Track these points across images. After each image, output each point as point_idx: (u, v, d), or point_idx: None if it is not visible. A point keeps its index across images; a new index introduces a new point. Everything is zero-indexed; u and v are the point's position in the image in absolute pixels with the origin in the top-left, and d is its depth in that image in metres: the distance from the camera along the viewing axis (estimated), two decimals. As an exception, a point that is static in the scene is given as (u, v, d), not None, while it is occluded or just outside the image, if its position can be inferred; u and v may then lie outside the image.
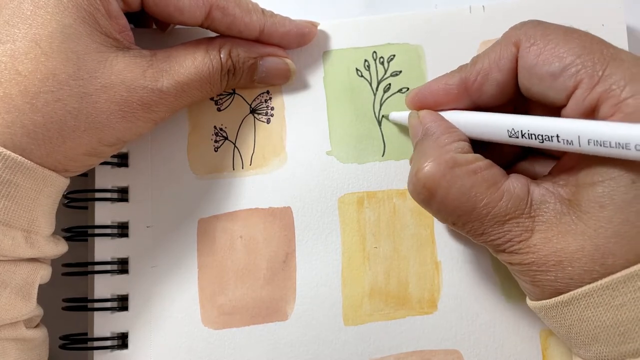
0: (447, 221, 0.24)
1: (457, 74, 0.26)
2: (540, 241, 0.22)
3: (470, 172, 0.23)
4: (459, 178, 0.23)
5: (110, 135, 0.25)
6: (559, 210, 0.22)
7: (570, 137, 0.21)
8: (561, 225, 0.22)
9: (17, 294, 0.25)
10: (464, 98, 0.26)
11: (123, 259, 0.30)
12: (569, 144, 0.21)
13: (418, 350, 0.29)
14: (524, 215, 0.23)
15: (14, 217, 0.23)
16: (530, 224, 0.22)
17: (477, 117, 0.25)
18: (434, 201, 0.24)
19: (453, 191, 0.23)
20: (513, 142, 0.24)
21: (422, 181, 0.23)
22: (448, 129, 0.25)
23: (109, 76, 0.24)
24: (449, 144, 0.24)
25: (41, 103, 0.23)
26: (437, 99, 0.26)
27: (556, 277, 0.22)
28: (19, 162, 0.23)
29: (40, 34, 0.23)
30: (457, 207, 0.23)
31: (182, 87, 0.26)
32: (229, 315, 0.29)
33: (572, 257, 0.21)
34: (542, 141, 0.22)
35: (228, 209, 0.30)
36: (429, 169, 0.23)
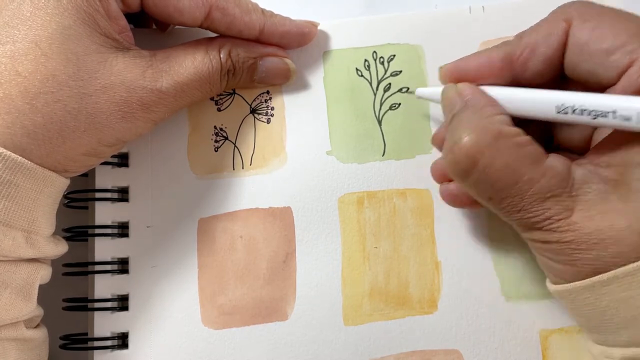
0: (484, 195, 0.23)
1: (502, 48, 0.25)
2: (581, 219, 0.22)
3: (515, 145, 0.22)
4: (504, 150, 0.22)
5: (109, 136, 0.25)
6: (603, 190, 0.22)
7: (629, 113, 0.21)
8: (605, 204, 0.21)
9: (17, 294, 0.25)
10: (505, 73, 0.25)
11: (123, 259, 0.30)
12: (626, 120, 0.21)
13: (418, 350, 0.29)
14: (565, 193, 0.22)
15: (14, 218, 0.23)
16: (570, 203, 0.22)
17: (522, 92, 0.24)
18: (475, 171, 0.23)
19: (497, 163, 0.22)
20: (560, 119, 0.23)
21: (465, 150, 0.23)
22: (490, 101, 0.24)
23: (109, 77, 0.24)
24: (492, 115, 0.23)
25: (41, 104, 0.23)
26: (478, 72, 0.25)
27: (597, 255, 0.21)
28: (19, 162, 0.23)
29: (40, 35, 0.23)
30: (498, 179, 0.22)
31: (182, 87, 0.26)
32: (229, 315, 0.29)
33: (617, 235, 0.21)
34: (595, 117, 0.22)
35: (228, 209, 0.30)
36: (473, 138, 0.22)
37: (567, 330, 0.29)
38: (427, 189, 0.30)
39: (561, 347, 0.29)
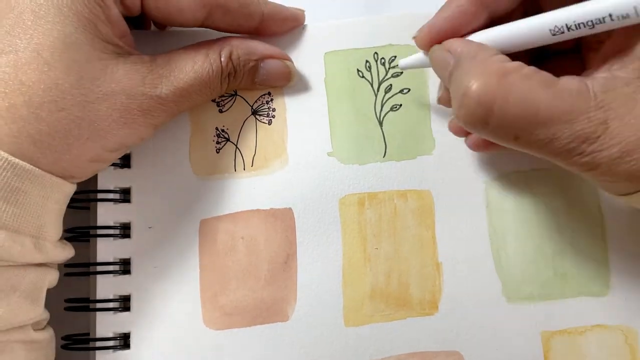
0: (509, 137, 0.22)
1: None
2: (621, 129, 0.20)
3: (524, 77, 0.21)
4: (515, 85, 0.21)
5: (112, 142, 0.25)
6: (629, 91, 0.21)
7: (624, 10, 0.20)
8: (638, 104, 0.20)
9: (26, 298, 0.25)
10: (481, 14, 0.24)
11: (125, 259, 0.30)
12: (625, 18, 0.20)
13: (419, 352, 0.29)
14: (592, 107, 0.21)
15: (23, 224, 0.24)
16: (602, 115, 0.20)
17: (510, 27, 0.23)
18: (493, 117, 0.21)
19: (512, 99, 0.21)
20: (556, 39, 0.22)
21: (476, 98, 0.21)
22: (481, 46, 0.23)
23: (110, 84, 0.24)
24: (490, 56, 0.22)
25: (45, 113, 0.23)
26: (454, 24, 0.25)
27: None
28: (27, 169, 0.23)
29: (42, 43, 0.23)
30: (519, 116, 0.21)
31: (182, 92, 0.26)
32: (230, 316, 0.29)
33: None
34: (593, 26, 0.21)
35: (229, 210, 0.30)
36: (479, 84, 0.21)
37: (568, 331, 0.29)
38: (428, 190, 0.30)
39: (563, 348, 0.29)
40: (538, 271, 0.29)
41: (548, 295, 0.29)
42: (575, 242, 0.30)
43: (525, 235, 0.30)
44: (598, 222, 0.30)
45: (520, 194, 0.30)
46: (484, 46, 0.23)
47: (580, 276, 0.29)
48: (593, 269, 0.29)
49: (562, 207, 0.30)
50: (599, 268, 0.29)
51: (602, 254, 0.29)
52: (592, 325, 0.29)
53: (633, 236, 0.29)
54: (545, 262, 0.29)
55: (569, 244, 0.29)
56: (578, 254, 0.29)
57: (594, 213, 0.30)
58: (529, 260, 0.29)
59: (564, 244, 0.29)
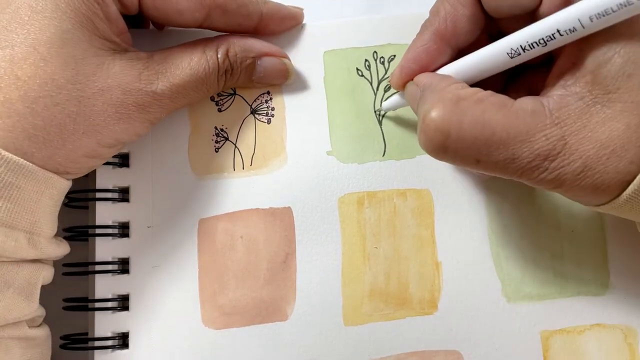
0: (470, 160, 0.22)
1: (426, 31, 0.26)
2: (579, 144, 0.21)
3: (477, 101, 0.22)
4: (468, 109, 0.22)
5: (108, 137, 0.25)
6: (583, 105, 0.21)
7: (571, 24, 0.21)
8: (593, 117, 0.21)
9: (20, 294, 0.25)
10: (444, 49, 0.25)
11: (124, 259, 0.30)
12: (573, 31, 0.21)
13: (418, 351, 0.29)
14: (547, 125, 0.21)
15: (16, 219, 0.24)
16: (559, 132, 0.21)
17: (473, 58, 0.25)
18: (450, 141, 0.22)
19: (466, 123, 0.22)
20: (516, 62, 0.23)
21: (433, 125, 0.22)
22: (442, 77, 0.25)
23: (106, 79, 0.24)
24: (447, 85, 0.23)
25: (41, 107, 0.23)
26: (421, 63, 0.26)
27: (617, 167, 0.21)
28: (21, 164, 0.23)
29: (39, 39, 0.23)
30: (475, 138, 0.21)
31: (178, 89, 0.26)
32: (229, 315, 0.29)
33: (622, 139, 0.20)
34: (545, 44, 0.22)
35: (228, 209, 0.30)
36: (435, 111, 0.22)
37: (568, 331, 0.29)
38: (427, 189, 0.30)
39: (562, 348, 0.29)
40: (537, 270, 0.29)
41: (547, 295, 0.29)
42: (574, 242, 0.30)
43: (525, 234, 0.30)
44: (597, 221, 0.30)
45: (520, 193, 0.30)
46: (444, 77, 0.25)
47: (580, 276, 0.29)
48: (592, 268, 0.29)
49: (561, 206, 0.30)
50: (598, 267, 0.29)
51: (601, 254, 0.29)
52: (591, 324, 0.29)
53: (632, 236, 0.29)
54: (544, 261, 0.29)
55: (569, 244, 0.30)
56: (577, 254, 0.29)
57: (593, 213, 0.30)
58: (528, 259, 0.29)
59: (564, 243, 0.30)
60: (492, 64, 0.24)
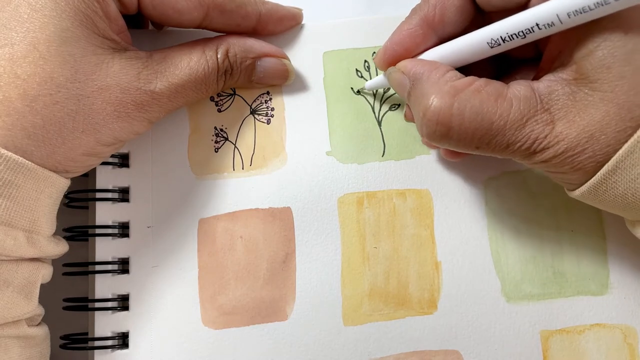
0: (471, 147, 0.24)
1: (415, 16, 0.26)
2: (564, 127, 0.22)
3: (474, 92, 0.23)
4: (467, 101, 0.23)
5: (107, 135, 0.25)
6: (569, 91, 0.22)
7: (549, 19, 0.22)
8: (577, 103, 0.22)
9: (19, 293, 0.25)
10: (430, 36, 0.26)
11: (124, 259, 0.30)
12: (551, 26, 0.22)
13: (418, 351, 0.29)
14: (538, 111, 0.23)
15: (15, 218, 0.24)
16: (548, 117, 0.23)
17: (454, 44, 0.25)
18: (453, 132, 0.23)
19: (466, 115, 0.23)
20: (496, 51, 0.24)
21: (434, 118, 0.23)
22: (434, 65, 0.25)
23: (105, 78, 0.24)
24: (441, 76, 0.24)
25: (40, 106, 0.23)
26: (406, 47, 0.26)
27: (594, 151, 0.22)
28: (20, 163, 0.23)
29: (38, 37, 0.23)
30: (476, 128, 0.23)
31: (177, 88, 0.26)
32: (229, 315, 0.29)
33: (600, 125, 0.22)
34: (525, 36, 0.23)
35: (228, 209, 0.30)
36: (435, 104, 0.23)
37: (567, 330, 0.29)
38: (426, 189, 0.30)
39: (562, 348, 0.29)
40: (537, 270, 0.29)
41: (547, 295, 0.29)
42: (574, 242, 0.30)
43: (525, 234, 0.30)
44: (597, 221, 0.30)
45: (519, 193, 0.30)
46: (435, 64, 0.25)
47: (579, 275, 0.29)
48: (592, 268, 0.29)
49: (561, 206, 0.30)
50: (598, 267, 0.29)
51: (601, 253, 0.29)
52: (591, 324, 0.29)
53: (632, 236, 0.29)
54: (544, 261, 0.29)
55: (568, 244, 0.30)
56: (577, 253, 0.29)
57: (593, 212, 0.30)
58: (528, 259, 0.29)
59: (563, 243, 0.30)
60: (472, 52, 0.25)
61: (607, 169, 0.22)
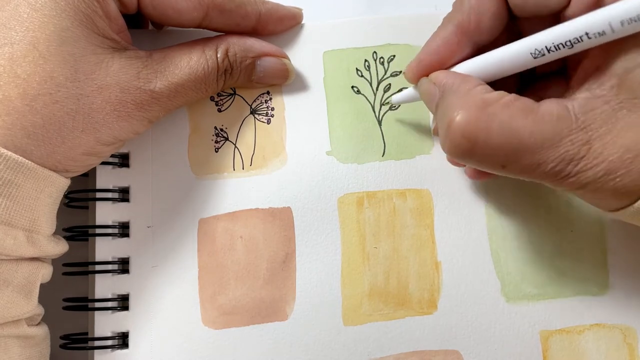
0: (496, 165, 0.23)
1: (449, 24, 0.25)
2: (604, 147, 0.21)
3: (504, 107, 0.22)
4: (495, 115, 0.22)
5: (107, 135, 0.25)
6: (610, 109, 0.21)
7: (600, 27, 0.21)
8: (619, 122, 0.21)
9: (19, 292, 0.25)
10: (465, 44, 0.25)
11: (124, 258, 0.30)
12: (602, 35, 0.21)
13: (418, 351, 0.29)
14: (574, 130, 0.21)
15: (15, 217, 0.24)
16: (584, 136, 0.21)
17: (494, 55, 0.24)
18: (478, 148, 0.22)
19: (494, 130, 0.21)
20: (539, 62, 0.23)
21: (459, 131, 0.22)
22: (464, 77, 0.24)
23: (105, 77, 0.24)
24: (471, 89, 0.23)
25: (40, 105, 0.23)
26: (440, 56, 0.25)
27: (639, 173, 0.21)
28: (20, 162, 0.23)
29: (38, 37, 0.23)
30: (503, 144, 0.21)
31: (176, 88, 0.26)
32: (229, 315, 0.29)
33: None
34: (572, 46, 0.22)
35: (228, 209, 0.30)
36: (462, 117, 0.22)
37: (567, 331, 0.29)
38: (426, 189, 0.30)
39: (562, 348, 0.29)
40: (537, 270, 0.29)
41: (547, 295, 0.29)
42: (574, 242, 0.30)
43: (524, 234, 0.30)
44: (597, 221, 0.30)
45: (519, 193, 0.30)
46: (466, 77, 0.24)
47: (579, 276, 0.29)
48: (592, 268, 0.29)
49: (561, 206, 0.30)
50: (597, 267, 0.29)
51: (601, 253, 0.29)
52: (590, 324, 0.29)
53: (632, 236, 0.29)
54: (544, 261, 0.29)
55: (568, 244, 0.30)
56: (577, 254, 0.29)
57: (593, 212, 0.30)
58: (527, 259, 0.29)
59: (563, 243, 0.30)
60: (513, 63, 0.23)
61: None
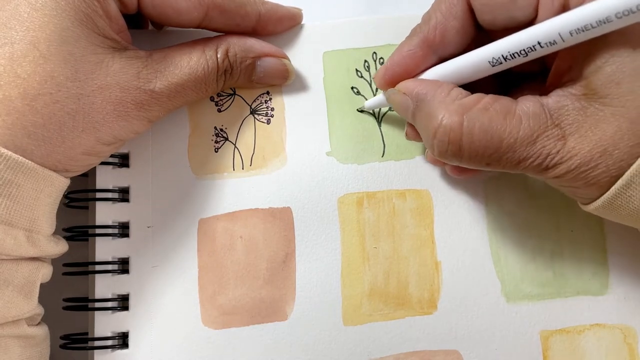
0: (482, 164, 0.24)
1: (415, 37, 0.26)
2: (577, 142, 0.22)
3: (482, 110, 0.23)
4: (475, 119, 0.23)
5: (107, 134, 0.25)
6: (580, 106, 0.22)
7: (551, 37, 0.22)
8: (589, 118, 0.22)
9: (19, 292, 0.25)
10: (429, 56, 0.26)
11: (124, 258, 0.30)
12: (553, 44, 0.22)
13: (418, 351, 0.29)
14: (549, 126, 0.23)
15: (15, 217, 0.24)
16: (559, 132, 0.22)
17: (455, 63, 0.25)
18: (464, 150, 0.23)
19: (476, 133, 0.23)
20: (498, 69, 0.24)
21: (445, 138, 0.23)
22: (437, 84, 0.25)
23: (105, 77, 0.25)
24: (447, 95, 0.24)
25: (40, 105, 0.23)
26: (406, 67, 0.26)
27: (607, 165, 0.22)
28: (20, 162, 0.23)
29: (38, 36, 0.23)
30: (486, 146, 0.23)
31: (176, 88, 0.26)
32: (229, 315, 0.29)
33: (613, 140, 0.22)
34: (527, 54, 0.23)
35: (228, 209, 0.30)
36: (445, 123, 0.23)
37: (567, 331, 0.29)
38: (426, 190, 0.30)
39: (562, 348, 0.29)
40: (537, 271, 0.29)
41: (547, 295, 0.29)
42: (574, 242, 0.30)
43: (524, 234, 0.30)
44: (597, 221, 0.30)
45: (519, 193, 0.30)
46: (438, 83, 0.25)
47: (579, 276, 0.29)
48: (592, 268, 0.29)
49: (561, 206, 0.30)
50: (597, 267, 0.29)
51: (601, 254, 0.30)
52: (590, 324, 0.29)
53: (632, 236, 0.29)
54: (544, 261, 0.29)
55: (568, 244, 0.30)
56: (577, 254, 0.29)
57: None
58: (527, 259, 0.29)
59: (563, 243, 0.30)
60: (473, 71, 0.25)
61: (621, 184, 0.22)
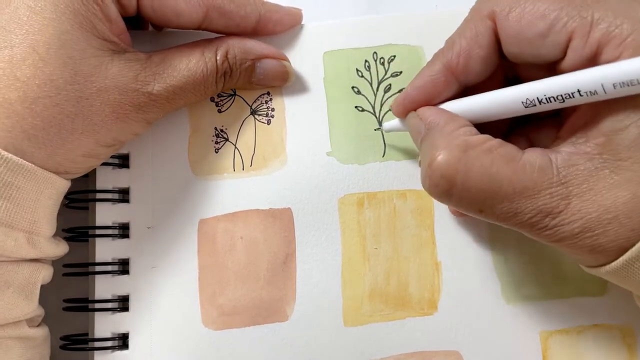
0: (473, 209, 0.22)
1: (437, 62, 0.25)
2: (582, 205, 0.21)
3: (485, 151, 0.22)
4: (476, 159, 0.21)
5: (106, 136, 0.25)
6: (592, 167, 0.21)
7: (593, 87, 0.21)
8: (600, 181, 0.21)
9: (19, 294, 0.25)
10: (452, 83, 0.25)
11: (124, 259, 0.30)
12: (593, 94, 0.21)
13: (418, 352, 0.29)
14: (554, 183, 0.21)
15: (16, 219, 0.24)
16: (564, 191, 0.21)
17: (484, 98, 0.24)
18: (455, 189, 0.22)
19: (473, 174, 0.21)
20: (529, 112, 0.23)
21: (439, 171, 0.22)
22: (451, 117, 0.24)
23: (104, 80, 0.24)
24: (456, 129, 0.23)
25: (40, 108, 0.23)
26: (426, 93, 0.25)
27: (616, 234, 0.20)
28: (20, 164, 0.23)
29: (38, 40, 0.23)
30: (481, 190, 0.21)
31: (174, 90, 0.26)
32: (229, 316, 0.29)
33: (626, 208, 0.20)
34: (563, 101, 0.21)
35: (228, 210, 0.30)
36: (442, 157, 0.22)
37: (567, 331, 0.29)
38: (427, 190, 0.30)
39: (562, 348, 0.29)
40: (537, 271, 0.29)
41: (546, 296, 0.29)
42: (573, 242, 0.30)
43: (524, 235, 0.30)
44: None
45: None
46: (453, 116, 0.24)
47: (579, 276, 0.29)
48: (591, 268, 0.29)
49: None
50: (597, 268, 0.29)
51: (601, 254, 0.30)
52: (590, 324, 0.29)
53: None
54: (544, 262, 0.29)
55: (568, 244, 0.30)
56: (576, 254, 0.30)
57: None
58: (527, 260, 0.29)
59: (563, 243, 0.30)
60: (504, 109, 0.23)
61: (631, 255, 0.21)
